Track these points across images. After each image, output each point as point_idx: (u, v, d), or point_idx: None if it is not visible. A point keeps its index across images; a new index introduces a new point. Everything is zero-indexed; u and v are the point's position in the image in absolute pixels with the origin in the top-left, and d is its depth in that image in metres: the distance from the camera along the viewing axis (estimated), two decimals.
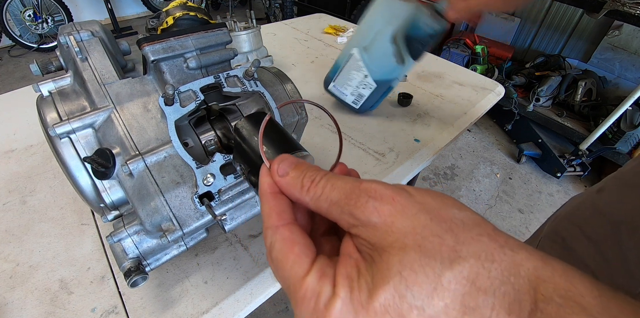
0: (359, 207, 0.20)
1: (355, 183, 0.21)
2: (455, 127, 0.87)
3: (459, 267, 0.17)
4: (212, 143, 0.47)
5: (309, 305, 0.19)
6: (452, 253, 0.18)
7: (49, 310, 0.49)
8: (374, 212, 0.19)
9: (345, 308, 0.18)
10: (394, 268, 0.18)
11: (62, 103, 0.43)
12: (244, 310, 0.50)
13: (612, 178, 0.50)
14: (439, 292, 0.17)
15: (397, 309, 0.17)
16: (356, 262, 0.20)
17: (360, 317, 0.18)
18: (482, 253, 0.18)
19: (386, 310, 0.17)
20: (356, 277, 0.19)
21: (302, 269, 0.20)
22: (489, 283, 0.17)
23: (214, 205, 0.43)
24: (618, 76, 2.21)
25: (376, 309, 0.17)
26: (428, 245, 0.18)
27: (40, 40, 3.46)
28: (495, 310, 0.16)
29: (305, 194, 0.22)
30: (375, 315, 0.18)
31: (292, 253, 0.21)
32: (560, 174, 2.10)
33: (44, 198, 0.64)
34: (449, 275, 0.17)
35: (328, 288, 0.19)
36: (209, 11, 4.10)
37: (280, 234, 0.22)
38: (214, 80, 0.45)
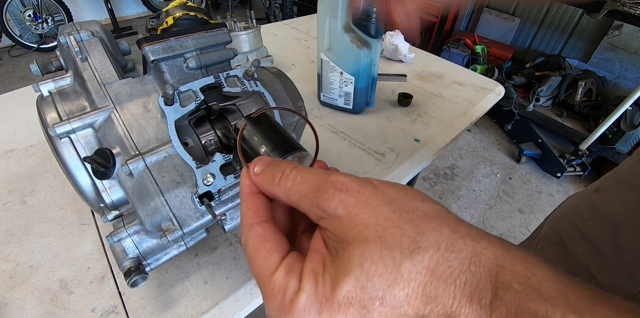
0: (325, 199, 0.20)
1: (323, 175, 0.21)
2: (455, 127, 0.87)
3: (418, 257, 0.18)
4: (212, 143, 0.47)
5: (276, 299, 0.20)
6: (412, 243, 0.18)
7: (49, 310, 0.49)
8: (339, 204, 0.20)
9: (309, 301, 0.19)
10: (355, 261, 0.18)
11: (62, 103, 0.43)
12: (244, 310, 0.50)
13: (609, 178, 0.50)
14: (399, 282, 0.17)
15: (359, 300, 0.18)
16: (322, 256, 0.20)
17: (324, 310, 0.18)
18: (442, 243, 0.18)
19: (349, 302, 0.18)
20: (321, 271, 0.19)
21: (271, 265, 0.21)
22: (449, 272, 0.17)
23: (214, 205, 0.43)
24: (618, 76, 2.21)
25: (339, 301, 0.18)
26: (389, 236, 0.18)
27: (40, 40, 3.46)
28: (457, 298, 0.17)
29: (277, 187, 0.23)
30: (339, 307, 0.18)
31: (264, 249, 0.21)
32: (560, 174, 2.10)
33: (44, 198, 0.64)
34: (408, 265, 0.17)
35: (294, 283, 0.20)
36: (209, 11, 4.10)
37: (254, 232, 0.22)
38: (214, 80, 0.45)
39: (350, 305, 0.18)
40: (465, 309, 0.17)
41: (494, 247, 0.18)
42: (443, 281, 0.17)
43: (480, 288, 0.17)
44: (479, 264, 0.17)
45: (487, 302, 0.16)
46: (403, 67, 1.12)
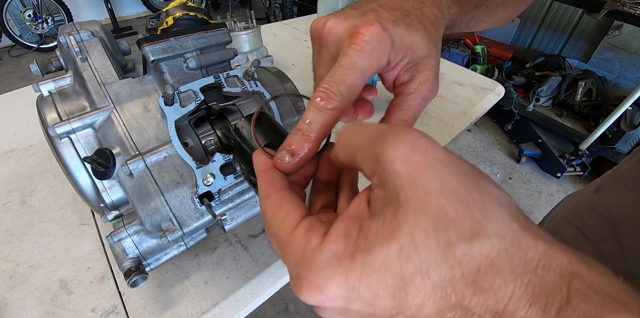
0: (386, 148, 0.17)
1: (390, 126, 0.19)
2: (455, 127, 0.87)
3: (478, 243, 0.15)
4: (212, 143, 0.47)
5: (296, 255, 0.18)
6: (475, 226, 0.16)
7: (49, 310, 0.49)
8: (400, 158, 0.17)
9: (334, 259, 0.17)
10: (405, 227, 0.16)
11: (62, 103, 0.43)
12: (244, 310, 0.50)
13: (609, 178, 0.50)
14: (450, 261, 0.15)
15: (399, 270, 0.16)
16: (361, 221, 0.18)
17: (353, 271, 0.16)
18: (508, 237, 0.16)
19: (386, 270, 0.16)
20: (355, 234, 0.17)
21: (290, 224, 0.20)
22: (509, 269, 0.15)
23: (214, 205, 0.43)
24: (618, 76, 2.21)
25: (374, 266, 0.16)
26: (451, 211, 0.16)
27: (40, 40, 3.46)
28: (515, 297, 0.15)
29: (338, 143, 0.21)
30: (372, 272, 0.16)
31: (281, 211, 0.21)
32: (560, 174, 2.10)
33: (44, 198, 0.64)
34: (463, 247, 0.15)
35: (315, 240, 0.18)
36: (209, 11, 4.10)
37: (271, 199, 0.22)
38: (214, 80, 0.45)
39: (387, 273, 0.16)
40: (523, 312, 0.15)
41: (567, 253, 0.16)
42: (501, 276, 0.15)
43: (547, 294, 0.15)
44: (548, 268, 0.15)
45: (553, 309, 0.14)
46: None
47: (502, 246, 0.15)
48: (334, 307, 0.17)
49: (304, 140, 0.24)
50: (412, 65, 0.27)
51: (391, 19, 0.25)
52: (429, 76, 0.28)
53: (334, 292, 0.17)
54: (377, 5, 0.26)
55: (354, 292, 0.16)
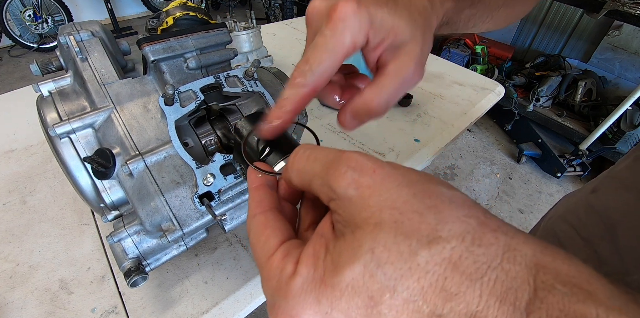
0: (336, 177, 0.18)
1: (337, 153, 0.20)
2: (455, 127, 0.87)
3: (437, 247, 0.15)
4: (212, 143, 0.47)
5: (272, 283, 0.19)
6: (431, 232, 0.16)
7: (49, 310, 0.49)
8: (351, 184, 0.18)
9: (306, 286, 0.17)
10: (365, 245, 0.16)
11: (62, 103, 0.43)
12: (244, 310, 0.50)
13: (606, 178, 0.50)
14: (414, 272, 0.15)
15: (366, 290, 0.16)
16: (327, 241, 0.19)
17: (323, 296, 0.17)
18: (467, 235, 0.16)
19: (354, 291, 0.16)
20: (323, 256, 0.18)
21: (269, 249, 0.20)
22: (474, 268, 0.15)
23: (214, 205, 0.43)
24: (618, 76, 2.21)
25: (342, 288, 0.16)
26: (406, 221, 0.16)
27: (40, 40, 3.46)
28: (484, 297, 0.15)
29: (290, 169, 0.22)
30: (342, 295, 0.16)
31: (263, 235, 0.21)
32: (560, 174, 2.10)
33: (44, 198, 0.64)
34: (425, 254, 0.15)
35: (290, 266, 0.18)
36: (209, 11, 4.10)
37: (256, 220, 0.22)
38: (214, 80, 0.45)
39: (355, 294, 0.16)
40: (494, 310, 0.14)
41: (531, 243, 0.16)
42: (467, 277, 0.15)
43: (515, 288, 0.15)
44: (513, 261, 0.15)
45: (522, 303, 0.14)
46: None
47: (462, 246, 0.15)
48: None
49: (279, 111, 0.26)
50: (395, 49, 0.27)
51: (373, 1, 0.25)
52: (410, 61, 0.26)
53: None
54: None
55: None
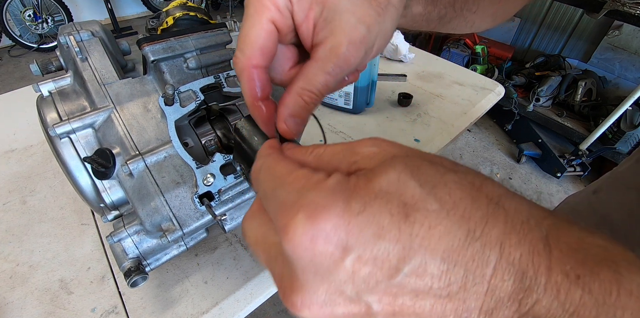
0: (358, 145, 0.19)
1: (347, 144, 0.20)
2: (455, 127, 0.87)
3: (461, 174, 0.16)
4: (212, 143, 0.47)
5: (298, 184, 0.17)
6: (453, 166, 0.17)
7: (49, 310, 0.49)
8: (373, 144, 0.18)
9: (338, 187, 0.16)
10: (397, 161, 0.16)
11: (62, 103, 0.43)
12: (244, 310, 0.50)
13: (608, 179, 0.50)
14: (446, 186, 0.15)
15: (400, 196, 0.15)
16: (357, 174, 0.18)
17: (355, 197, 0.15)
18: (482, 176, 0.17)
19: (388, 196, 0.15)
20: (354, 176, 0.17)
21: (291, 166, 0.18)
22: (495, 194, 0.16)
23: (214, 205, 0.43)
24: (618, 76, 2.21)
25: (376, 192, 0.15)
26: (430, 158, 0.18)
27: (40, 40, 3.45)
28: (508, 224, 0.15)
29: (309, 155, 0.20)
30: (375, 198, 0.15)
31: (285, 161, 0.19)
32: (560, 174, 2.10)
33: (44, 198, 0.64)
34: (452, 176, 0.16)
35: (321, 174, 0.17)
36: (209, 11, 4.10)
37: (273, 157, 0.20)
38: (214, 80, 0.45)
39: (388, 199, 0.15)
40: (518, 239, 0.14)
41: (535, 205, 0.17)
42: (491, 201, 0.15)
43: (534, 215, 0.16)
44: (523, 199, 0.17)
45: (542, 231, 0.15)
46: (403, 67, 1.11)
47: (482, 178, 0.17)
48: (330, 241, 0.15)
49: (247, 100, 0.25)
50: (326, 23, 0.23)
51: None
52: (343, 40, 0.23)
53: (337, 217, 0.15)
54: None
55: (358, 219, 0.15)
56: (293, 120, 0.24)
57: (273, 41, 0.24)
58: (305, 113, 0.24)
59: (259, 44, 0.23)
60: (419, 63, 1.14)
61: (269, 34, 0.23)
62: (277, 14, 0.23)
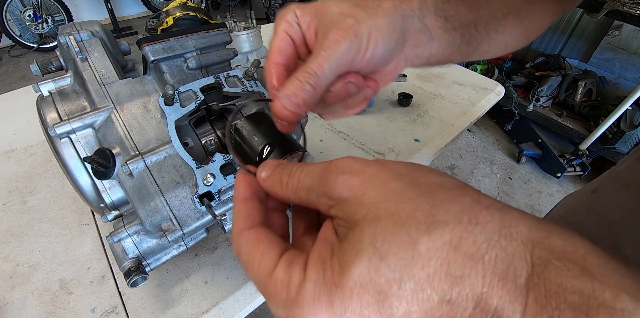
0: (329, 184, 0.19)
1: (325, 164, 0.20)
2: (455, 127, 0.87)
3: (437, 232, 0.16)
4: (212, 143, 0.47)
5: (280, 296, 0.18)
6: (428, 217, 0.16)
7: (49, 310, 0.49)
8: (344, 187, 0.18)
9: (317, 290, 0.17)
10: (365, 241, 0.16)
11: (62, 103, 0.43)
12: (244, 310, 0.50)
13: (606, 178, 0.50)
14: (418, 261, 0.15)
15: (374, 285, 0.16)
16: (331, 244, 0.19)
17: (335, 298, 0.16)
18: (464, 215, 0.16)
19: (363, 287, 0.16)
20: (329, 258, 0.18)
21: (269, 263, 0.19)
22: (474, 248, 0.15)
23: (214, 205, 0.43)
24: (618, 76, 2.21)
25: (351, 287, 0.16)
26: (401, 211, 0.16)
27: (40, 40, 3.46)
28: (487, 278, 0.15)
29: (286, 189, 0.22)
30: (352, 294, 0.16)
31: (258, 251, 0.20)
32: (560, 174, 2.10)
33: (44, 198, 0.64)
34: (425, 242, 0.15)
35: (297, 274, 0.18)
36: (209, 11, 4.10)
37: (246, 236, 0.21)
38: (214, 80, 0.45)
39: (364, 291, 0.16)
40: (498, 290, 0.14)
41: (525, 219, 0.16)
42: (469, 257, 0.15)
43: (514, 265, 0.15)
44: (510, 238, 0.15)
45: (522, 280, 0.14)
46: None
47: (460, 227, 0.16)
48: None
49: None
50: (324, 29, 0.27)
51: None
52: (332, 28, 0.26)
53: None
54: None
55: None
56: (288, 99, 0.26)
57: (288, 44, 0.29)
58: (300, 92, 0.26)
59: (277, 47, 0.29)
60: None
61: (283, 40, 0.29)
62: (288, 26, 0.29)
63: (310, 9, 0.29)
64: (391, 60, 0.30)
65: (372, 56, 0.27)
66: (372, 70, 0.30)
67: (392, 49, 0.29)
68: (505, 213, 0.16)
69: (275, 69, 0.28)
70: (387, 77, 0.32)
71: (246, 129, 0.35)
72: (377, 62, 0.29)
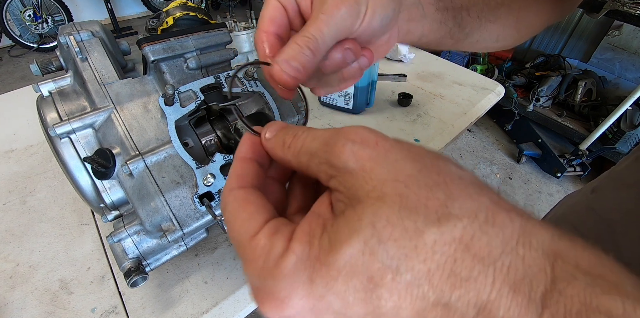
0: (335, 151, 0.17)
1: (336, 130, 0.18)
2: (455, 127, 0.87)
3: (448, 225, 0.14)
4: (212, 143, 0.47)
5: (257, 263, 0.16)
6: (440, 208, 0.14)
7: (49, 310, 0.49)
8: (351, 156, 0.16)
9: (299, 265, 0.15)
10: (365, 219, 0.14)
11: (62, 103, 0.43)
12: (244, 310, 0.50)
13: (605, 178, 0.50)
14: (421, 252, 0.14)
15: (366, 270, 0.14)
16: (324, 220, 0.17)
17: (317, 276, 0.14)
18: (481, 213, 0.14)
19: (352, 270, 0.14)
20: (319, 234, 0.16)
21: (253, 227, 0.18)
22: (487, 251, 0.13)
23: (214, 205, 0.43)
24: (618, 76, 2.21)
25: (339, 267, 0.14)
26: (412, 195, 0.15)
27: (40, 40, 3.46)
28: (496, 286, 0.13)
29: (287, 151, 0.20)
30: (338, 274, 0.14)
31: (245, 211, 0.18)
32: (560, 174, 2.10)
33: (44, 198, 0.64)
34: (433, 232, 0.14)
35: (280, 243, 0.16)
36: (209, 11, 4.10)
37: (234, 195, 0.20)
38: (214, 80, 0.45)
39: (353, 275, 0.14)
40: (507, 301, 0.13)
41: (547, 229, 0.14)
42: (479, 260, 0.13)
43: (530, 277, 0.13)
44: (529, 246, 0.13)
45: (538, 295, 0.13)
46: (403, 67, 1.11)
47: (475, 225, 0.14)
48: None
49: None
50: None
51: None
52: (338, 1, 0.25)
53: (300, 304, 0.15)
54: None
55: (322, 302, 0.15)
56: (287, 63, 0.25)
57: (280, 13, 0.28)
58: (299, 56, 0.25)
59: (269, 16, 0.28)
60: (419, 63, 1.14)
61: (275, 8, 0.28)
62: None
63: None
64: (386, 31, 0.30)
65: (369, 23, 0.27)
66: (368, 39, 0.29)
67: (389, 17, 0.28)
68: (527, 220, 0.15)
69: (267, 37, 0.27)
70: (380, 48, 0.32)
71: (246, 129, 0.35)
72: (374, 30, 0.28)
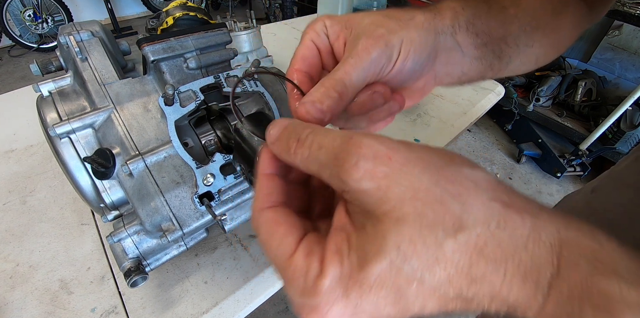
0: (347, 170, 0.17)
1: (344, 138, 0.18)
2: (455, 127, 0.87)
3: (463, 236, 0.16)
4: (212, 143, 0.47)
5: (297, 284, 0.18)
6: (456, 221, 0.16)
7: (49, 310, 0.49)
8: (365, 175, 0.17)
9: (334, 284, 0.17)
10: (390, 242, 0.16)
11: (62, 103, 0.43)
12: (244, 310, 0.50)
13: (606, 178, 0.50)
14: (441, 262, 0.16)
15: (393, 283, 0.16)
16: (347, 234, 0.18)
17: (352, 291, 0.17)
18: (492, 220, 0.16)
19: (382, 284, 0.16)
20: (347, 251, 0.17)
21: (288, 249, 0.19)
22: (499, 252, 0.16)
23: (214, 205, 0.43)
24: (618, 76, 2.21)
25: (370, 283, 0.16)
26: (430, 214, 0.16)
27: (40, 40, 3.45)
28: (507, 278, 0.15)
29: (295, 157, 0.20)
30: (370, 289, 0.16)
31: (278, 233, 0.20)
32: (560, 174, 2.10)
33: (44, 198, 0.64)
34: (451, 244, 0.16)
35: (315, 265, 0.18)
36: (209, 11, 4.10)
37: (264, 216, 0.21)
38: (214, 80, 0.45)
39: (382, 287, 0.16)
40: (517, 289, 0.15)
41: (555, 220, 0.16)
42: (492, 261, 0.15)
43: (538, 267, 0.15)
44: (538, 241, 0.16)
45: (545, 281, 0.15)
46: None
47: (488, 232, 0.16)
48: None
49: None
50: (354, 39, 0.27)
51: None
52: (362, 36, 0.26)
53: (340, 314, 0.17)
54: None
55: (358, 309, 0.17)
56: (313, 105, 0.25)
57: (312, 53, 0.29)
58: (326, 99, 0.25)
59: (301, 54, 0.28)
60: None
61: (308, 48, 0.29)
62: (315, 35, 0.29)
63: (341, 19, 0.28)
64: (421, 76, 0.29)
65: (401, 68, 0.27)
66: (400, 84, 0.29)
67: (422, 63, 0.28)
68: (537, 217, 0.16)
69: (297, 75, 0.28)
70: (415, 94, 0.31)
71: (246, 129, 0.35)
72: (406, 75, 0.28)
